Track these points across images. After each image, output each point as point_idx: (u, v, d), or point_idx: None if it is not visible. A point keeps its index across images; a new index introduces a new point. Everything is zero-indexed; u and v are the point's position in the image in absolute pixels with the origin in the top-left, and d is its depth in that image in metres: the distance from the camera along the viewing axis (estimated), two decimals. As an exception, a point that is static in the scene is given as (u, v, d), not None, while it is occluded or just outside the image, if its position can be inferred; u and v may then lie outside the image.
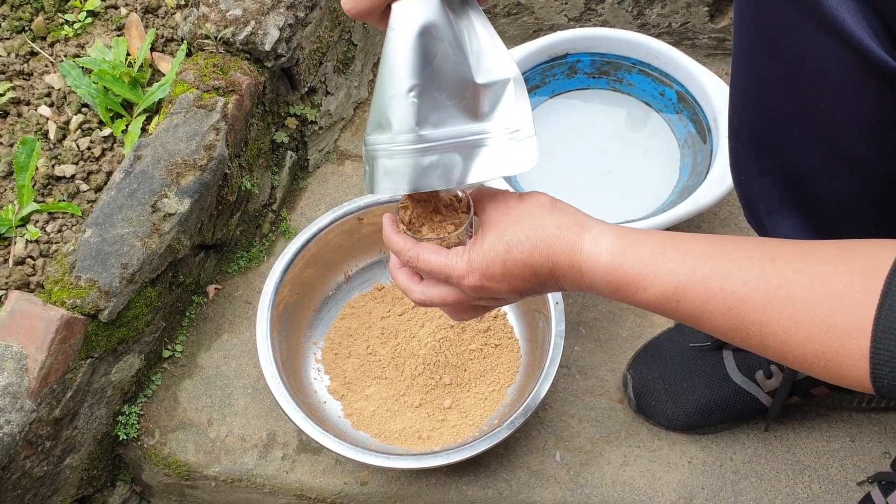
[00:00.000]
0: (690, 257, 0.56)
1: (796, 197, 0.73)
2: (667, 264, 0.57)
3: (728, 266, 0.55)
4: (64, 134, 1.09)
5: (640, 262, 0.58)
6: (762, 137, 0.72)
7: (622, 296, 0.60)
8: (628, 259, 0.59)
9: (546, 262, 0.61)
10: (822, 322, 0.50)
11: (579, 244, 0.60)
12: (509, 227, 0.62)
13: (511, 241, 0.62)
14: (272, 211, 1.20)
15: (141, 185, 0.97)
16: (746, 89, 0.72)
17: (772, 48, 0.65)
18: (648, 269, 0.58)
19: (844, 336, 0.49)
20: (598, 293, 0.62)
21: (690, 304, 0.56)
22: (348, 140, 1.30)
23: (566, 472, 0.99)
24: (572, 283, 0.62)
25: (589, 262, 0.60)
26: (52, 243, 1.00)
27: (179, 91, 1.04)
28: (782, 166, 0.72)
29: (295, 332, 1.06)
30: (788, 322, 0.51)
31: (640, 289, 0.58)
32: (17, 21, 1.18)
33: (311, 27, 1.16)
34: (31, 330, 0.87)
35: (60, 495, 0.96)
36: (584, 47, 1.22)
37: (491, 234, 0.63)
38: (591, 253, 0.60)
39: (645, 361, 1.02)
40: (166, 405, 1.05)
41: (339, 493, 1.00)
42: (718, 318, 0.55)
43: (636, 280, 0.58)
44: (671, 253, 0.57)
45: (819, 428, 1.01)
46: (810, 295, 0.50)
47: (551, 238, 0.61)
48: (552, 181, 1.19)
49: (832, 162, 0.68)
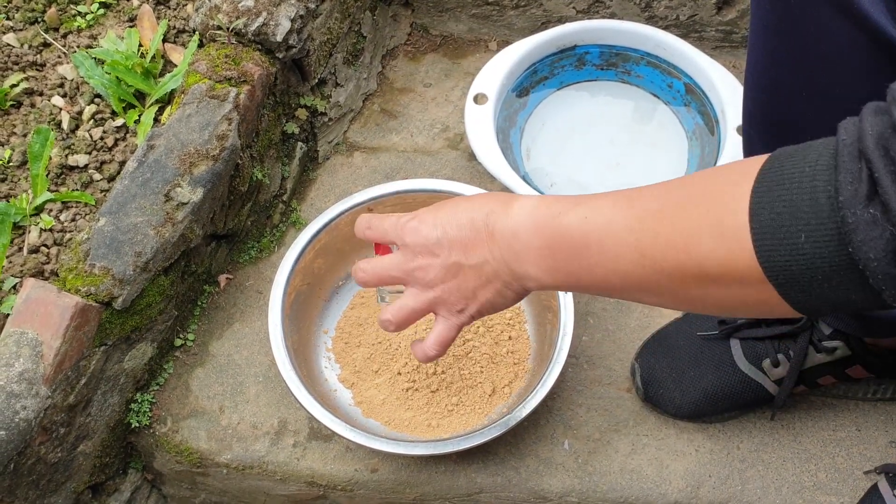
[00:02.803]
0: (611, 193, 0.60)
1: None
2: (585, 197, 0.61)
3: (632, 193, 0.58)
4: (77, 124, 1.10)
5: (560, 199, 0.62)
6: (776, 120, 0.73)
7: (541, 230, 0.62)
8: (552, 199, 0.63)
9: (482, 209, 0.65)
10: (710, 209, 0.52)
11: (516, 198, 0.65)
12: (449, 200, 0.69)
13: (462, 198, 0.68)
14: (283, 201, 1.21)
15: (154, 174, 0.98)
16: (762, 72, 0.72)
17: (788, 31, 0.65)
18: (568, 200, 0.61)
19: (729, 213, 0.50)
20: (521, 244, 0.63)
21: (600, 218, 0.58)
22: (357, 131, 1.31)
23: (574, 460, 1.00)
24: (501, 230, 0.64)
25: (518, 205, 0.64)
26: (66, 232, 1.01)
27: (192, 81, 1.05)
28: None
29: (306, 322, 1.07)
30: (681, 203, 0.54)
31: (557, 213, 0.61)
32: (31, 12, 1.19)
33: (321, 18, 1.17)
34: (47, 317, 0.88)
35: (74, 482, 0.98)
36: (592, 39, 1.22)
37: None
38: (523, 200, 0.64)
39: (653, 351, 1.03)
40: (178, 393, 1.06)
41: (350, 480, 1.01)
42: (619, 224, 0.57)
43: (557, 209, 0.61)
44: (590, 196, 0.61)
45: (825, 417, 1.02)
46: (695, 188, 0.54)
47: (493, 196, 0.67)
48: (561, 173, 1.20)
49: None
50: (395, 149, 1.28)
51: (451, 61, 1.39)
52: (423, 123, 1.31)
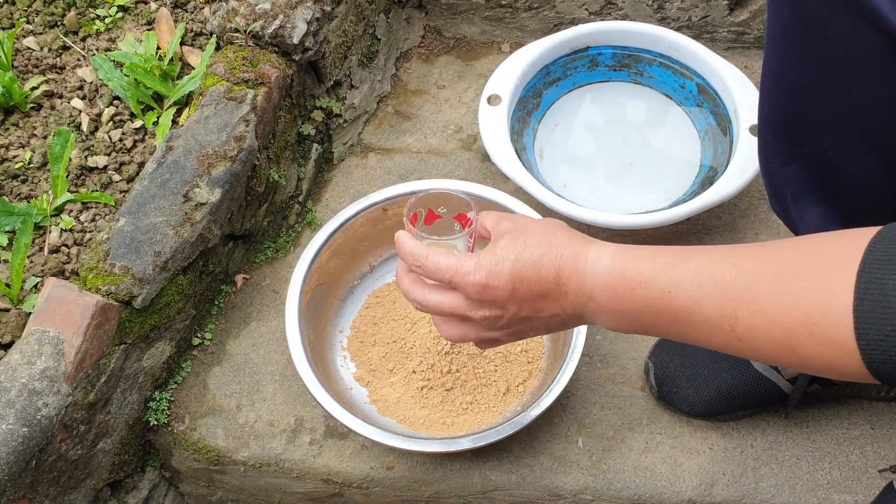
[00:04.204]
0: (685, 253, 0.58)
1: (824, 185, 0.74)
2: (663, 258, 0.58)
3: (720, 254, 0.56)
4: (96, 126, 1.12)
5: (637, 258, 0.60)
6: (792, 123, 0.73)
7: (620, 297, 0.60)
8: (628, 257, 0.60)
9: (552, 266, 0.62)
10: (809, 285, 0.50)
11: (585, 250, 0.62)
12: (523, 234, 0.65)
13: (524, 243, 0.64)
14: (298, 202, 1.22)
15: (173, 175, 0.99)
16: (778, 75, 0.72)
17: (805, 34, 0.66)
18: (645, 263, 0.59)
19: (830, 294, 0.48)
20: (597, 303, 0.62)
21: (683, 294, 0.56)
22: (372, 133, 1.32)
23: (588, 458, 1.01)
24: (575, 290, 0.62)
25: (592, 266, 0.61)
26: (86, 232, 1.02)
27: (209, 84, 1.06)
28: (811, 153, 0.73)
29: (321, 321, 1.08)
30: (777, 294, 0.51)
31: (636, 284, 0.59)
32: (50, 16, 1.21)
33: (336, 21, 1.18)
34: (68, 315, 0.90)
35: (93, 479, 0.99)
36: (605, 40, 1.23)
37: (504, 239, 0.65)
38: (595, 256, 0.62)
39: (666, 349, 1.04)
40: (196, 391, 1.07)
41: (366, 478, 1.02)
42: (709, 306, 0.55)
43: (634, 275, 0.59)
44: (668, 252, 0.59)
45: (839, 415, 1.02)
46: (798, 263, 0.51)
47: (561, 245, 0.63)
48: (574, 173, 1.21)
49: (862, 149, 0.68)
50: (409, 150, 1.29)
51: (465, 63, 1.40)
52: (436, 125, 1.32)
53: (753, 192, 1.20)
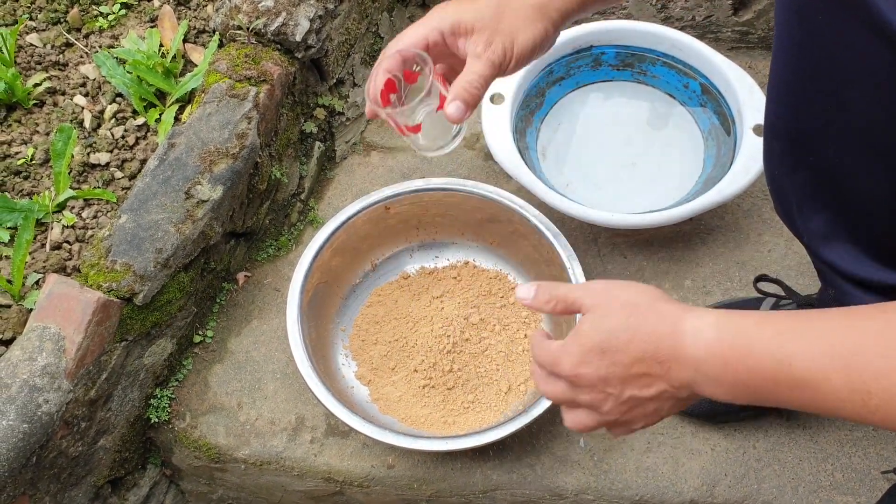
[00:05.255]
0: (797, 319, 0.55)
1: (829, 194, 0.74)
2: (774, 326, 0.56)
3: (840, 318, 0.53)
4: (99, 123, 1.12)
5: (744, 329, 0.57)
6: (799, 133, 0.73)
7: (731, 369, 0.57)
8: (734, 327, 0.57)
9: (649, 340, 0.60)
10: None
11: (682, 324, 0.60)
12: (608, 314, 0.62)
13: (610, 329, 0.62)
14: (300, 200, 1.22)
15: (175, 172, 0.99)
16: (785, 85, 0.72)
17: (814, 45, 0.65)
18: (753, 333, 0.56)
19: None
20: (705, 375, 0.59)
21: (805, 364, 0.53)
22: (374, 131, 1.32)
23: (590, 458, 1.01)
24: (678, 366, 0.60)
25: (692, 339, 0.59)
26: (88, 229, 1.02)
27: (212, 81, 1.06)
28: (817, 162, 0.73)
29: (323, 319, 1.07)
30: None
31: (747, 354, 0.56)
32: (53, 13, 1.21)
33: (339, 19, 1.18)
34: (69, 312, 0.90)
35: (94, 476, 0.99)
36: (608, 40, 1.23)
37: (588, 321, 0.63)
38: (694, 329, 0.59)
39: (669, 350, 1.02)
40: (197, 389, 1.07)
41: (367, 476, 1.02)
42: (836, 378, 0.52)
43: (744, 345, 0.56)
44: (775, 319, 0.56)
45: (842, 417, 1.02)
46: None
47: (653, 321, 0.61)
48: (577, 172, 1.21)
49: (868, 161, 0.68)
50: (412, 149, 1.29)
51: (468, 62, 1.40)
52: (439, 123, 1.32)
53: (756, 192, 1.20)
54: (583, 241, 1.17)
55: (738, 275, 1.13)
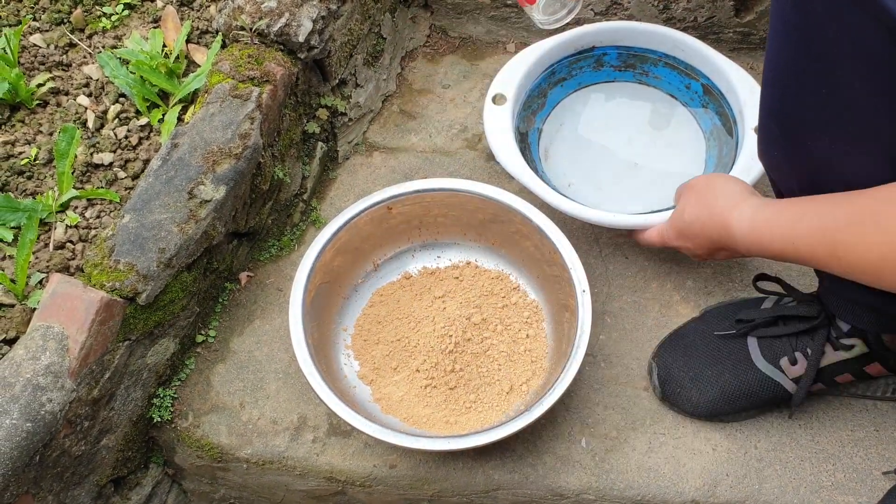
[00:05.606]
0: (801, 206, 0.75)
1: (825, 180, 0.74)
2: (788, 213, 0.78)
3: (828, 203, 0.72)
4: (102, 123, 1.12)
5: (767, 217, 0.81)
6: (794, 118, 0.73)
7: (761, 248, 0.82)
8: (761, 217, 0.82)
9: (713, 236, 0.90)
10: None
11: (730, 219, 0.86)
12: (685, 206, 0.95)
13: (682, 209, 0.96)
14: (303, 201, 1.22)
15: (178, 172, 0.99)
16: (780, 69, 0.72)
17: (812, 32, 0.65)
18: (774, 221, 0.79)
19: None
20: (747, 250, 0.85)
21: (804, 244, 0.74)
22: (377, 132, 1.32)
23: (591, 458, 1.01)
24: (735, 245, 0.87)
25: (738, 230, 0.85)
26: (91, 228, 1.03)
27: (215, 81, 1.06)
28: (811, 147, 0.73)
29: (325, 319, 1.08)
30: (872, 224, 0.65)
31: (769, 240, 0.79)
32: (57, 13, 1.22)
33: (342, 20, 1.18)
34: (72, 311, 0.90)
35: (97, 475, 0.99)
36: (610, 40, 1.23)
37: (677, 207, 0.98)
38: (738, 222, 0.85)
39: (670, 350, 1.04)
40: (199, 389, 1.07)
41: (369, 476, 1.02)
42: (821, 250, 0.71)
43: (766, 231, 0.80)
44: (790, 207, 0.77)
45: (843, 416, 1.02)
46: None
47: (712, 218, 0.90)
48: (579, 173, 1.21)
49: (866, 148, 0.68)
50: (414, 149, 1.29)
51: (470, 63, 1.40)
52: (441, 124, 1.32)
53: (758, 192, 1.19)
54: (585, 241, 1.17)
55: (740, 275, 1.13)
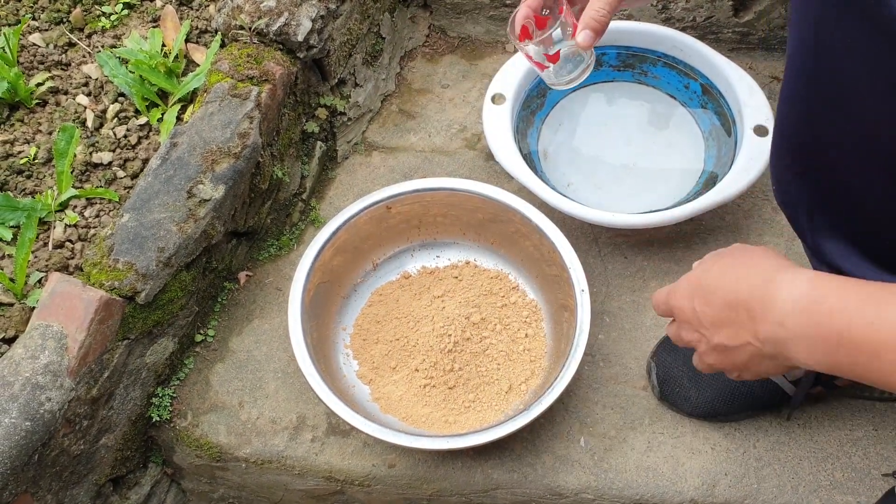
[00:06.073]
0: (880, 290, 0.56)
1: (835, 198, 0.74)
2: (869, 288, 0.57)
3: None
4: (101, 122, 1.12)
5: (839, 285, 0.58)
6: (807, 138, 0.73)
7: (816, 323, 0.58)
8: (828, 283, 0.58)
9: (742, 284, 0.64)
10: None
11: (777, 275, 0.62)
12: (710, 262, 0.70)
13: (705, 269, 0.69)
14: (302, 200, 1.22)
15: (177, 171, 0.99)
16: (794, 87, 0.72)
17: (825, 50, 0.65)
18: (850, 291, 0.57)
19: None
20: (789, 330, 0.60)
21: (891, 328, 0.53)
22: (376, 132, 1.32)
23: (590, 458, 1.01)
24: (762, 315, 0.62)
25: (787, 291, 0.60)
26: (90, 228, 1.03)
27: (214, 80, 1.06)
28: (822, 166, 0.73)
29: (324, 318, 1.08)
30: None
31: (836, 311, 0.56)
32: (56, 13, 1.22)
33: (341, 19, 1.18)
34: (71, 310, 0.90)
35: (95, 474, 0.99)
36: (609, 40, 1.23)
37: (698, 265, 0.72)
38: (789, 280, 0.61)
39: (669, 349, 1.04)
40: (199, 388, 1.07)
41: (367, 476, 1.02)
42: None
43: (835, 302, 0.57)
44: (874, 283, 0.57)
45: (841, 417, 1.02)
46: None
47: (747, 270, 0.65)
48: (578, 173, 1.21)
49: (875, 168, 0.68)
50: (413, 149, 1.29)
51: (469, 63, 1.40)
52: (440, 124, 1.32)
53: (757, 192, 1.20)
54: (584, 241, 1.17)
55: (739, 275, 1.13)
